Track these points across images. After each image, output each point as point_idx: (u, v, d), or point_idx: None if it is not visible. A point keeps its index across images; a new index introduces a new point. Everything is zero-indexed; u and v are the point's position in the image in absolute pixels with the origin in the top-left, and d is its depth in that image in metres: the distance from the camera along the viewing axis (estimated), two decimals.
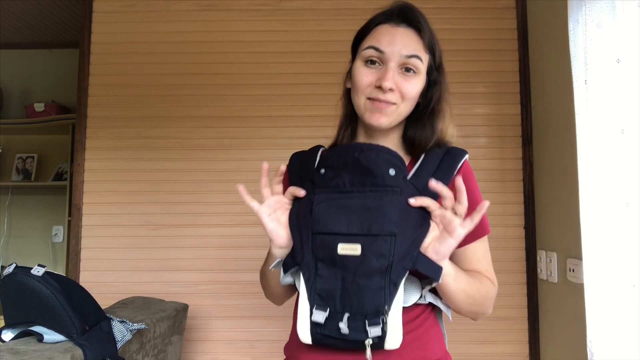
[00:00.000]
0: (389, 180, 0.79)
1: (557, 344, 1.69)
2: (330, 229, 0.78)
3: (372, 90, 0.87)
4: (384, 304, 0.75)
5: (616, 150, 1.24)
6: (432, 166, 0.88)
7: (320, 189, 0.83)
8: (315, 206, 0.81)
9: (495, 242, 1.85)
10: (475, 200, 0.90)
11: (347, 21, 1.95)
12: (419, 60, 0.87)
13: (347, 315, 0.76)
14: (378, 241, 0.76)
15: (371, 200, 0.78)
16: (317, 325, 0.77)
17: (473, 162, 1.88)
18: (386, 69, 0.86)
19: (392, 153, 0.81)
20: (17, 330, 1.18)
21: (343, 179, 0.81)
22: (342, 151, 0.82)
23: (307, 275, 0.80)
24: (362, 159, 0.80)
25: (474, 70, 1.95)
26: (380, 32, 0.88)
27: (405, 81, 0.86)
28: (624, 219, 1.22)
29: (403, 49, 0.86)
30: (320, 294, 0.78)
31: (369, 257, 0.76)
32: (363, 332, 0.75)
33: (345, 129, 0.97)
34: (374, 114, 0.87)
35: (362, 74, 0.88)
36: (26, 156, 3.08)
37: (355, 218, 0.78)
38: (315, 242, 0.80)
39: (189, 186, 1.94)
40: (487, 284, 0.91)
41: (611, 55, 1.25)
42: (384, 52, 0.86)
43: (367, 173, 0.80)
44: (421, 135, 0.91)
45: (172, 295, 1.85)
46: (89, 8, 2.00)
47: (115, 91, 1.98)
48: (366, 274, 0.76)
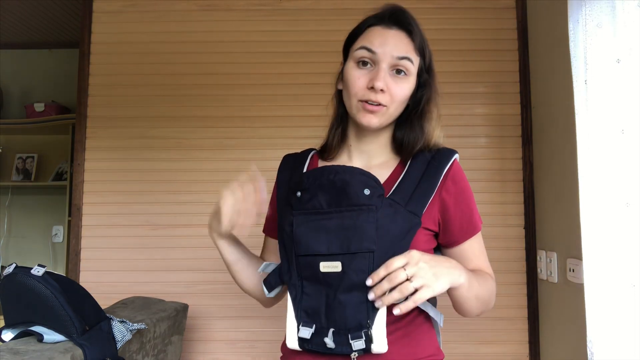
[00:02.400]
0: (364, 200, 0.81)
1: (557, 344, 1.69)
2: (311, 250, 0.82)
3: (364, 93, 0.87)
4: (367, 318, 0.78)
5: (616, 150, 1.24)
6: (417, 174, 0.89)
7: (297, 211, 0.85)
8: (296, 229, 0.83)
9: (495, 242, 1.86)
10: (467, 201, 0.92)
11: (347, 21, 1.93)
12: (410, 62, 0.88)
13: (332, 330, 0.80)
14: (357, 258, 0.79)
15: (348, 219, 0.81)
16: (304, 341, 0.81)
17: (473, 162, 1.89)
18: (378, 69, 0.86)
19: (365, 174, 0.84)
20: (17, 330, 1.18)
21: (320, 201, 0.83)
22: (318, 173, 0.85)
23: (294, 293, 0.83)
24: (337, 181, 0.83)
25: (474, 70, 1.94)
26: (372, 34, 0.89)
27: (395, 84, 0.87)
28: (624, 219, 1.22)
29: (395, 50, 0.86)
30: (307, 311, 0.82)
31: (348, 274, 0.79)
32: (347, 346, 0.78)
33: (336, 129, 0.98)
34: (366, 115, 0.88)
35: (354, 76, 0.88)
36: (26, 156, 3.08)
37: (334, 238, 0.81)
38: (299, 263, 0.83)
39: (189, 186, 1.94)
40: (489, 281, 0.93)
41: (611, 55, 1.25)
42: (375, 53, 0.87)
43: (343, 194, 0.82)
44: (409, 137, 0.92)
45: (172, 295, 1.84)
46: (89, 8, 2.00)
47: (115, 91, 1.98)
48: (347, 289, 0.79)
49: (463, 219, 0.91)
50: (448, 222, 0.90)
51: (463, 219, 0.91)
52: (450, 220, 0.90)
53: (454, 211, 0.90)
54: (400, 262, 0.76)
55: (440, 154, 0.91)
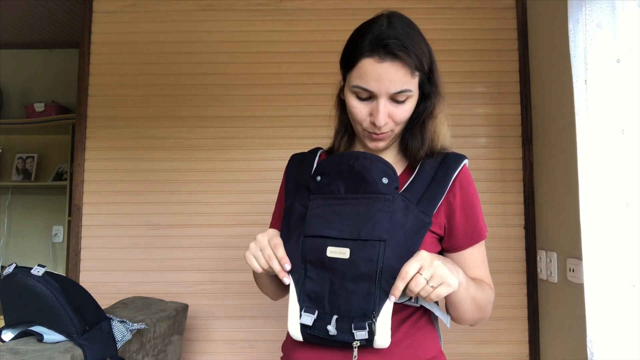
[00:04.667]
0: (382, 188, 0.81)
1: (557, 344, 1.69)
2: (321, 232, 0.81)
3: (368, 125, 0.87)
4: (372, 309, 0.77)
5: (616, 150, 1.24)
6: (427, 177, 0.88)
7: (315, 195, 0.85)
8: (310, 211, 0.83)
9: (495, 242, 1.86)
10: (474, 207, 0.91)
11: (347, 21, 1.94)
12: (409, 91, 0.84)
13: (335, 317, 0.79)
14: (367, 246, 0.78)
15: (364, 206, 0.81)
16: (305, 327, 0.80)
17: (473, 162, 1.88)
18: (377, 105, 0.84)
19: (385, 163, 0.84)
20: (17, 330, 1.18)
21: (338, 186, 0.84)
22: (338, 159, 0.85)
23: (297, 277, 0.82)
24: (357, 167, 0.83)
25: (474, 70, 1.94)
26: (366, 71, 0.83)
27: (397, 109, 0.86)
28: (624, 219, 1.22)
29: (390, 86, 0.82)
30: (309, 295, 0.81)
31: (357, 262, 0.78)
32: (350, 334, 0.77)
33: (342, 136, 0.97)
34: (372, 142, 0.89)
35: (356, 107, 0.87)
36: (26, 156, 3.08)
37: (347, 223, 0.80)
38: (305, 244, 0.82)
39: (189, 186, 1.94)
40: (488, 290, 0.92)
41: (611, 55, 1.25)
42: (372, 91, 0.84)
43: (361, 180, 0.82)
44: (414, 144, 0.91)
45: (172, 295, 1.85)
46: (89, 8, 2.00)
47: (115, 91, 1.98)
48: (354, 279, 0.79)
49: (468, 225, 0.91)
50: (453, 227, 0.90)
51: (468, 225, 0.91)
52: (455, 224, 0.90)
53: (460, 216, 0.90)
54: (415, 268, 0.74)
55: (450, 158, 0.91)
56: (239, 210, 1.91)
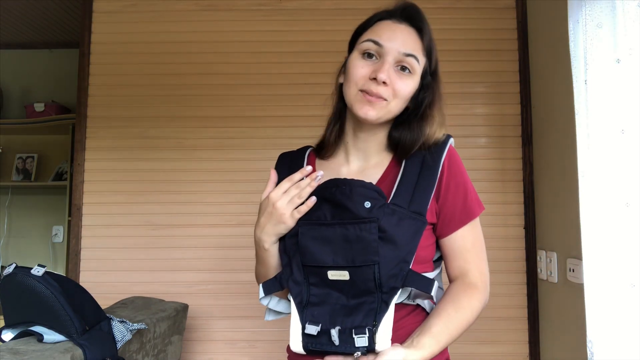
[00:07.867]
0: (364, 213, 0.81)
1: (557, 344, 1.69)
2: (317, 261, 0.82)
3: (365, 82, 0.86)
4: (373, 320, 0.79)
5: (616, 150, 1.24)
6: (414, 171, 0.87)
7: (303, 221, 0.85)
8: (301, 238, 0.84)
9: (495, 242, 1.86)
10: (460, 185, 0.90)
11: (347, 21, 1.93)
12: (416, 60, 0.87)
13: (338, 328, 0.80)
14: (363, 268, 0.80)
15: (351, 231, 0.81)
16: (309, 337, 0.81)
17: (473, 162, 1.89)
18: (383, 62, 0.85)
19: (366, 186, 0.83)
20: (17, 330, 1.18)
21: (324, 212, 0.84)
22: (320, 187, 0.86)
23: (299, 298, 0.83)
24: (338, 195, 0.83)
25: (474, 70, 1.94)
26: (381, 27, 0.88)
27: (399, 79, 0.86)
28: (624, 219, 1.22)
29: (402, 46, 0.86)
30: (312, 312, 0.82)
31: (357, 282, 0.81)
32: (351, 344, 0.79)
33: (334, 125, 0.97)
34: (364, 106, 0.86)
35: (357, 65, 0.87)
36: (26, 156, 3.07)
37: (338, 250, 0.81)
38: (306, 271, 0.84)
39: (189, 186, 1.94)
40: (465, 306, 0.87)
41: (611, 55, 1.25)
42: (382, 46, 0.86)
43: (344, 208, 0.82)
44: (406, 138, 0.90)
45: (172, 295, 1.84)
46: (89, 8, 2.00)
47: (116, 91, 1.98)
48: (356, 295, 0.81)
49: (456, 201, 0.88)
50: (442, 207, 0.88)
51: (456, 201, 0.88)
52: (445, 204, 0.88)
53: (447, 196, 0.88)
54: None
55: (434, 148, 0.89)
56: (239, 210, 1.91)
